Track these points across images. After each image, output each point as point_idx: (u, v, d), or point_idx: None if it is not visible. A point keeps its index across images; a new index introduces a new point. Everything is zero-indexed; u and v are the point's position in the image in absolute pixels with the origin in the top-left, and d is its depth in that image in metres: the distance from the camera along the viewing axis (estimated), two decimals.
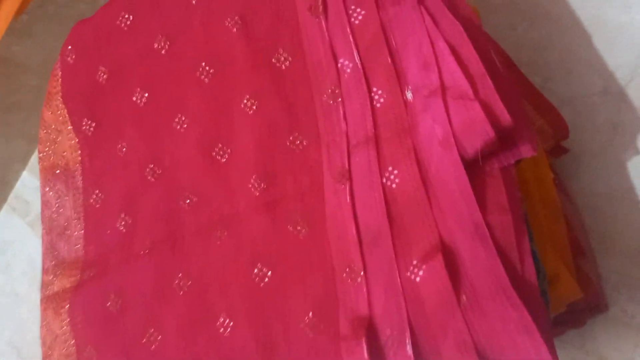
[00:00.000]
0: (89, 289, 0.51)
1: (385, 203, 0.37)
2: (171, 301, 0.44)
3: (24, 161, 0.64)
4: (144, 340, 0.45)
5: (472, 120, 0.37)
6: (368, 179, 0.39)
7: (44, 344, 0.53)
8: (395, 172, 0.38)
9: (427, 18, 0.41)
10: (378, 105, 0.41)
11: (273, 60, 0.46)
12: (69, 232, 0.55)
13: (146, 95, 0.52)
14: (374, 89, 0.41)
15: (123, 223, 0.51)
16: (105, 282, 0.50)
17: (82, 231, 0.54)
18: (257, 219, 0.43)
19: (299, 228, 0.41)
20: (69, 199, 0.56)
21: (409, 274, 0.35)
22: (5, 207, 0.65)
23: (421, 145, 0.38)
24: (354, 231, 0.38)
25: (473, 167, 0.38)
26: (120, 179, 0.52)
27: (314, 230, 0.40)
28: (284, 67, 0.45)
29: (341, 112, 0.42)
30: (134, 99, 0.52)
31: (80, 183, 0.55)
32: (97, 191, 0.54)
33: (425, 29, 0.40)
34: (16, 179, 0.65)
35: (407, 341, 0.34)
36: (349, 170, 0.40)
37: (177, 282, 0.45)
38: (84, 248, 0.54)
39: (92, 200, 0.54)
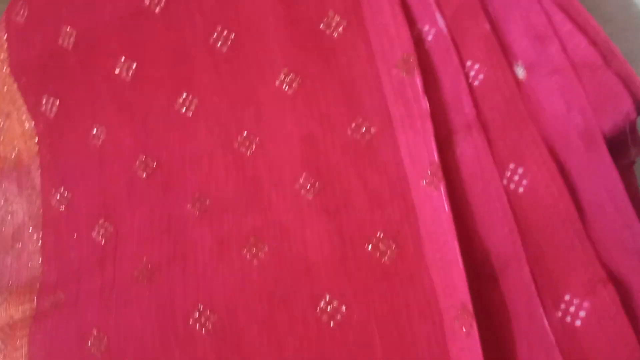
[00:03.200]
0: (56, 324, 0.38)
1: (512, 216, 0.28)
2: (190, 344, 0.33)
3: None
4: None
5: (607, 95, 0.28)
6: (480, 179, 0.29)
7: None
8: (520, 170, 0.29)
9: None
10: (476, 82, 0.31)
11: (321, 26, 0.35)
12: (19, 245, 0.42)
13: (134, 66, 0.40)
14: (468, 63, 0.32)
15: (102, 232, 0.38)
16: (81, 314, 0.37)
17: (40, 244, 0.41)
18: (314, 232, 0.32)
19: (381, 248, 0.31)
20: (21, 202, 0.42)
21: (560, 314, 0.26)
22: None
23: (551, 137, 0.29)
24: (460, 258, 0.28)
25: None
26: (96, 174, 0.40)
27: (404, 252, 0.30)
28: (335, 34, 0.35)
29: (419, 86, 0.32)
30: (116, 71, 0.40)
31: (37, 181, 0.42)
32: (62, 190, 0.41)
33: None
34: None
35: None
36: (444, 167, 0.30)
37: (197, 317, 0.33)
38: (43, 266, 0.40)
39: (55, 203, 0.41)
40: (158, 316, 0.34)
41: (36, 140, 0.42)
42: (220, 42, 0.37)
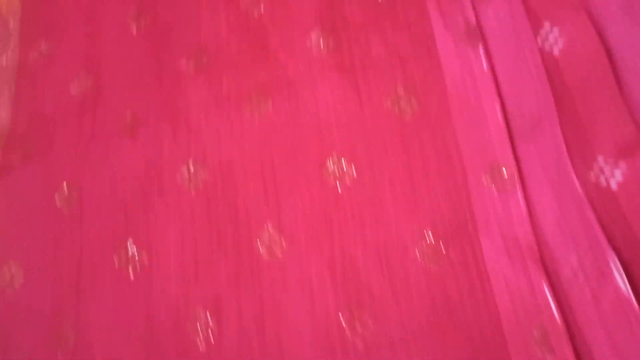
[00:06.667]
0: (21, 174, 0.34)
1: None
2: (176, 201, 0.30)
3: None
4: (116, 263, 0.30)
5: None
6: (514, 39, 0.27)
7: None
8: (556, 31, 0.27)
9: None
10: None
11: None
12: None
13: None
14: None
15: (81, 86, 0.35)
16: (51, 165, 0.34)
17: (11, 95, 0.37)
18: (327, 89, 0.29)
19: (401, 104, 0.28)
20: None
21: (593, 175, 0.24)
22: None
23: (589, 3, 0.27)
24: (500, 115, 0.26)
25: None
26: (83, 27, 0.36)
27: (427, 109, 0.28)
28: None
29: None
30: None
31: (16, 33, 0.38)
32: (43, 43, 0.37)
33: None
34: None
35: (615, 269, 0.23)
36: (479, 26, 0.28)
37: (184, 173, 0.30)
38: (12, 117, 0.37)
39: (33, 56, 0.37)
40: (140, 172, 0.31)
41: None
42: None
